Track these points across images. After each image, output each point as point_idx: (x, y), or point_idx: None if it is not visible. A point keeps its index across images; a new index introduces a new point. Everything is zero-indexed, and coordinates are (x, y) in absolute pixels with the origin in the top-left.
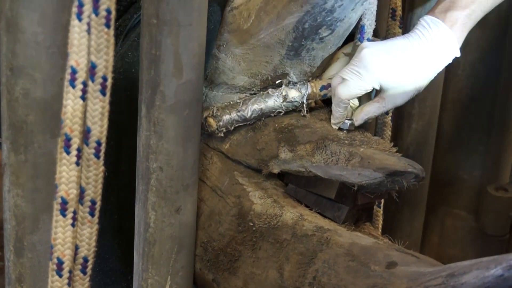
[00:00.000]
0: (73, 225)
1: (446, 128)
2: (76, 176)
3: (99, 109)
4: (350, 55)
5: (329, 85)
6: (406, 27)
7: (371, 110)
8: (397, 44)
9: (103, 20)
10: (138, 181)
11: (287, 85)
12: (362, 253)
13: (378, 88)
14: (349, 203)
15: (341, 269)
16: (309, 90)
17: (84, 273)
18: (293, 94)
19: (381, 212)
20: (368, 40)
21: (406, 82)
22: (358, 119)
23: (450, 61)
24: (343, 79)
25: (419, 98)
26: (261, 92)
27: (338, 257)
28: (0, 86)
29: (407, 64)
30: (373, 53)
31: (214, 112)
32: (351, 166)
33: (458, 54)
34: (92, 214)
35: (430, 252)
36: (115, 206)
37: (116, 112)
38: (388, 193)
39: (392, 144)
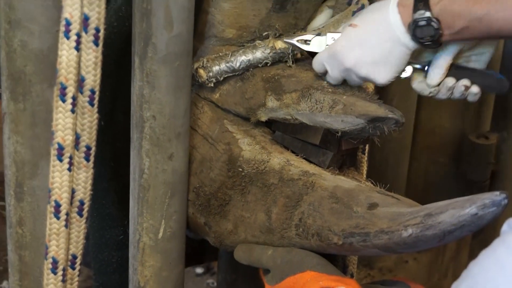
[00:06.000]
0: (69, 169)
1: None
2: (71, 123)
3: (92, 59)
4: (334, 7)
5: None
6: None
7: None
8: None
9: None
10: (132, 130)
11: (273, 37)
12: (345, 195)
13: None
14: (333, 149)
15: (325, 211)
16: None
17: (81, 215)
18: (280, 45)
19: (366, 158)
20: None
21: None
22: None
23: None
24: None
25: None
26: (249, 44)
27: (323, 200)
28: None
29: None
30: None
31: (204, 63)
32: (334, 113)
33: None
34: (87, 159)
35: (414, 197)
36: (111, 154)
37: (111, 64)
38: (370, 138)
39: (374, 92)
